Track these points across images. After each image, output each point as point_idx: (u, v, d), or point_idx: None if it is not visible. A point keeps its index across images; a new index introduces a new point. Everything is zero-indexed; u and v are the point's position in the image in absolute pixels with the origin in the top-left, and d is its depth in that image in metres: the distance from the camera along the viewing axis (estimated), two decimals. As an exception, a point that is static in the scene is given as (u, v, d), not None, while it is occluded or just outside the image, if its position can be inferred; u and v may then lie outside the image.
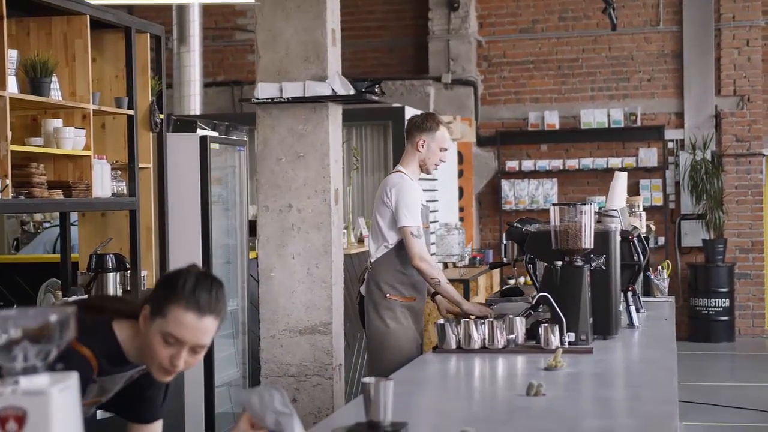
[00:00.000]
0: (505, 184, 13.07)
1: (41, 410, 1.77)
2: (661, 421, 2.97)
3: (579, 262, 4.45)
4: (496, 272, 10.74)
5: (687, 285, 12.70)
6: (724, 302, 12.36)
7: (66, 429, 1.82)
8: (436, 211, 10.56)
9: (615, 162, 12.72)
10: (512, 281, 10.53)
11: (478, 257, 10.81)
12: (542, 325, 4.28)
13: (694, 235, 12.72)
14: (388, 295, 5.31)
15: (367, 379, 2.78)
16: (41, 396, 1.78)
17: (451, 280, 9.19)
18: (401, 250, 5.23)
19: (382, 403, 2.77)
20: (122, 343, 2.74)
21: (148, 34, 6.06)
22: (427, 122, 5.41)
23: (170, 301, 2.65)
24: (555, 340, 4.23)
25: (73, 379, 1.85)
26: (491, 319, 4.37)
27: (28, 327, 1.83)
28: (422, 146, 5.36)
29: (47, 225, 8.63)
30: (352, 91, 5.54)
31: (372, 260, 5.40)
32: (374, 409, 2.77)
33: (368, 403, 2.78)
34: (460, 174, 12.43)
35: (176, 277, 2.69)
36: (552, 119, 13.00)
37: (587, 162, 12.89)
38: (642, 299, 5.88)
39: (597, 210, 5.33)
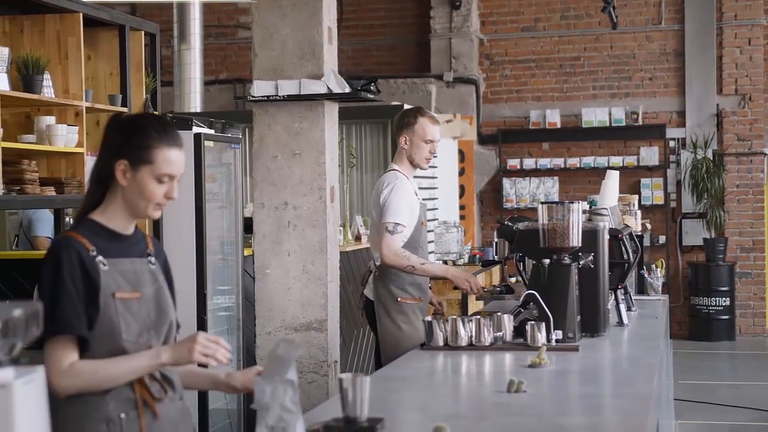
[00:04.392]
0: (507, 183, 13.07)
1: (4, 403, 1.80)
2: (635, 418, 2.99)
3: (567, 260, 4.46)
4: (497, 270, 10.74)
5: (688, 284, 12.70)
6: (725, 301, 12.35)
7: (30, 422, 1.84)
8: (436, 209, 10.58)
9: (616, 161, 12.72)
10: (513, 279, 10.48)
11: (478, 255, 10.79)
12: (529, 322, 4.29)
13: (695, 233, 12.72)
14: (399, 299, 5.30)
15: (343, 376, 2.81)
16: (4, 389, 1.80)
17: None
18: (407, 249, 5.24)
19: (359, 399, 2.80)
20: (104, 222, 2.93)
21: (143, 32, 6.08)
22: (404, 118, 5.42)
23: (152, 146, 2.87)
24: (542, 338, 4.23)
25: (38, 372, 1.87)
26: (479, 317, 4.38)
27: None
28: (406, 143, 5.37)
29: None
30: (347, 89, 5.53)
31: (377, 263, 5.38)
32: (350, 404, 2.80)
33: (345, 399, 2.81)
34: (462, 172, 12.44)
35: (142, 125, 2.90)
36: (553, 118, 13.00)
37: (588, 160, 12.89)
38: (635, 298, 5.89)
39: (587, 208, 5.34)
